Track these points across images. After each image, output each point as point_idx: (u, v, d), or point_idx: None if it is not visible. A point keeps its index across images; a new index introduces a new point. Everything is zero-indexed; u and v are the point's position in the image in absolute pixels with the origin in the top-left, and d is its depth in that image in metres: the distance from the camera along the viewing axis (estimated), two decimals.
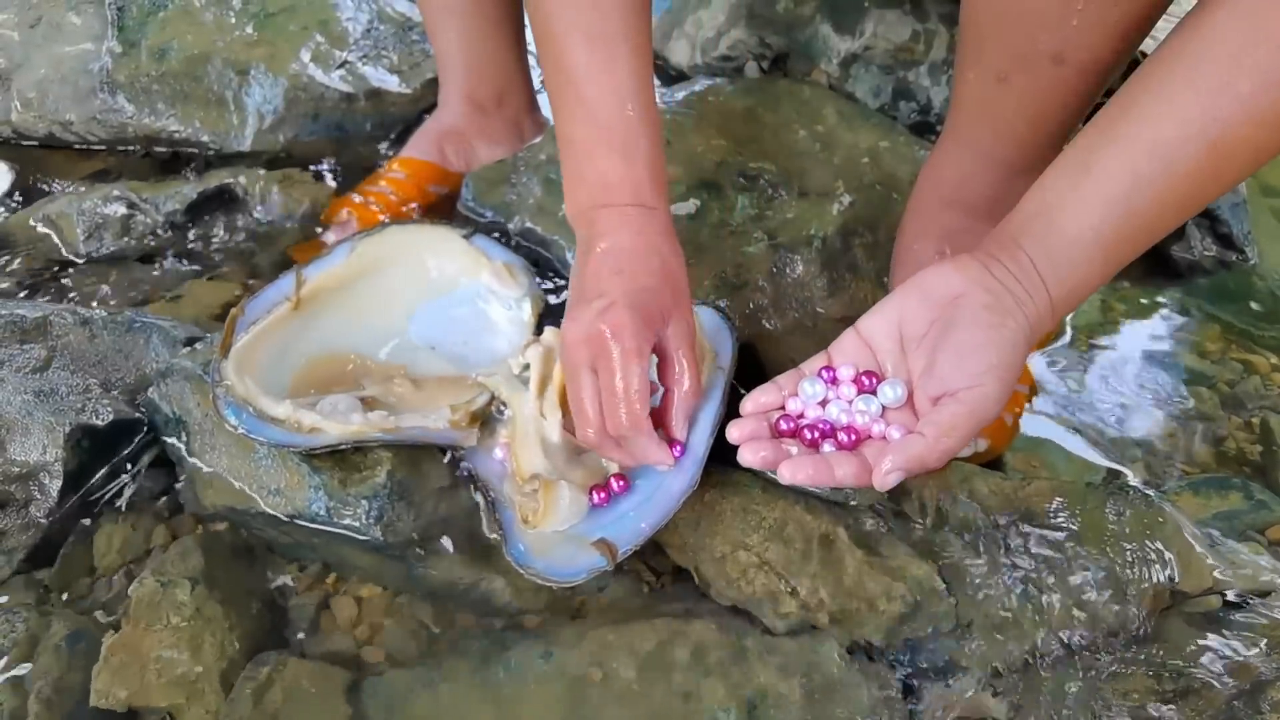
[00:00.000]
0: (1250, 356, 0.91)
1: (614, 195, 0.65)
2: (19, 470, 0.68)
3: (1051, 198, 0.57)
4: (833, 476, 0.55)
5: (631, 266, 0.63)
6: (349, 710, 0.60)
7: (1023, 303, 0.57)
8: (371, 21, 1.16)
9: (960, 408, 0.54)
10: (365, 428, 0.68)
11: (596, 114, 0.65)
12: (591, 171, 0.66)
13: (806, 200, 0.93)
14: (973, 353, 0.55)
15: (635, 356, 0.60)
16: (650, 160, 0.66)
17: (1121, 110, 0.56)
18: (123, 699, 0.59)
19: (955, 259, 0.59)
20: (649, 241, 0.65)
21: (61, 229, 0.94)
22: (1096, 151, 0.56)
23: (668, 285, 0.64)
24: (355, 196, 0.99)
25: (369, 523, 0.67)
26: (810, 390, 0.59)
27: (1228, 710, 0.61)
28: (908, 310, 0.59)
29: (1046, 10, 0.63)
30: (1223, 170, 0.54)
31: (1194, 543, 0.69)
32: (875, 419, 0.58)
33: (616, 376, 0.60)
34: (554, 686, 0.61)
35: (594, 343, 0.60)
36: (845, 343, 0.61)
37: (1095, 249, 0.56)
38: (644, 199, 0.66)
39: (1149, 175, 0.54)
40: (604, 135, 0.65)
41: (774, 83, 1.10)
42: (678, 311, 0.64)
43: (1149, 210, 0.55)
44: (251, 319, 0.72)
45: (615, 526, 0.65)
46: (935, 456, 0.54)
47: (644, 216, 0.65)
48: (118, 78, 1.05)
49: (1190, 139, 0.53)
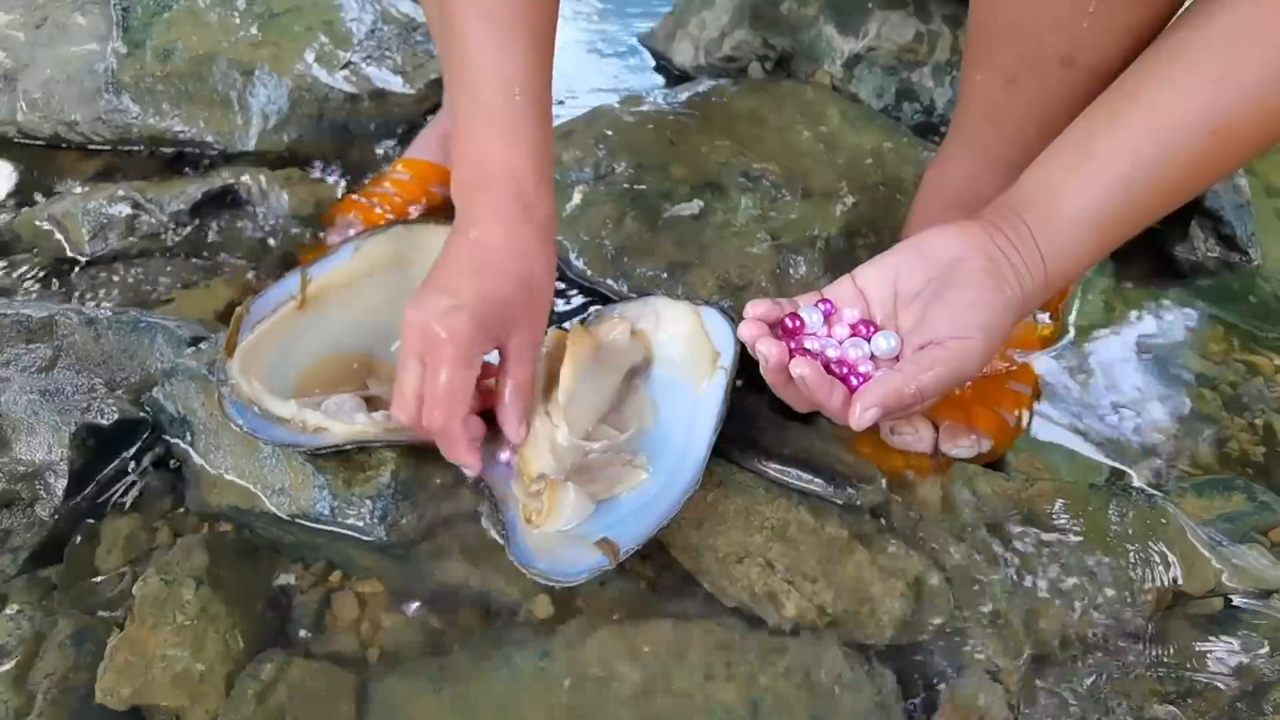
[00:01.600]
0: (1254, 358, 0.91)
1: (493, 181, 0.65)
2: (25, 469, 0.69)
3: (1053, 177, 0.58)
4: (829, 396, 0.56)
5: (492, 268, 0.63)
6: (352, 709, 0.60)
7: (1020, 273, 0.57)
8: (375, 22, 1.16)
9: (943, 352, 0.55)
10: (370, 428, 0.68)
11: (481, 95, 0.65)
12: (474, 151, 0.66)
13: (810, 201, 0.93)
14: (966, 309, 0.56)
15: (462, 365, 0.61)
16: (534, 150, 0.65)
17: (1125, 93, 0.57)
18: (127, 697, 0.59)
19: (959, 223, 0.59)
20: (518, 242, 0.65)
21: (67, 229, 0.94)
22: (1099, 134, 0.57)
23: (523, 294, 0.64)
24: (359, 197, 0.99)
25: (373, 522, 0.67)
26: (808, 318, 0.59)
27: (1230, 711, 0.61)
28: (905, 267, 0.59)
29: (1057, 12, 0.63)
30: (1221, 158, 0.55)
31: (1197, 544, 0.69)
32: (865, 360, 0.58)
33: (440, 379, 0.61)
34: (557, 686, 0.61)
35: (428, 338, 0.61)
36: (840, 289, 0.61)
37: (1091, 229, 0.57)
38: (523, 190, 0.65)
39: (1149, 159, 0.55)
40: (488, 117, 0.65)
41: (777, 83, 1.10)
42: (528, 320, 0.65)
43: (1146, 194, 0.56)
44: (257, 318, 0.72)
45: (618, 526, 0.65)
46: (911, 391, 0.54)
47: (520, 211, 0.65)
48: (123, 78, 1.05)
49: (1192, 125, 0.53)
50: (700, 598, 0.67)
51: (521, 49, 0.64)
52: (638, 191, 0.92)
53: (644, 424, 0.72)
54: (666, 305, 0.76)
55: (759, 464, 0.72)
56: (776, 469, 0.71)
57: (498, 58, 0.64)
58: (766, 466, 0.71)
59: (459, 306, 0.61)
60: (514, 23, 0.64)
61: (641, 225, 0.90)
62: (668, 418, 0.72)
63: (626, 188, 0.93)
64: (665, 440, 0.70)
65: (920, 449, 0.75)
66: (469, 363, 0.61)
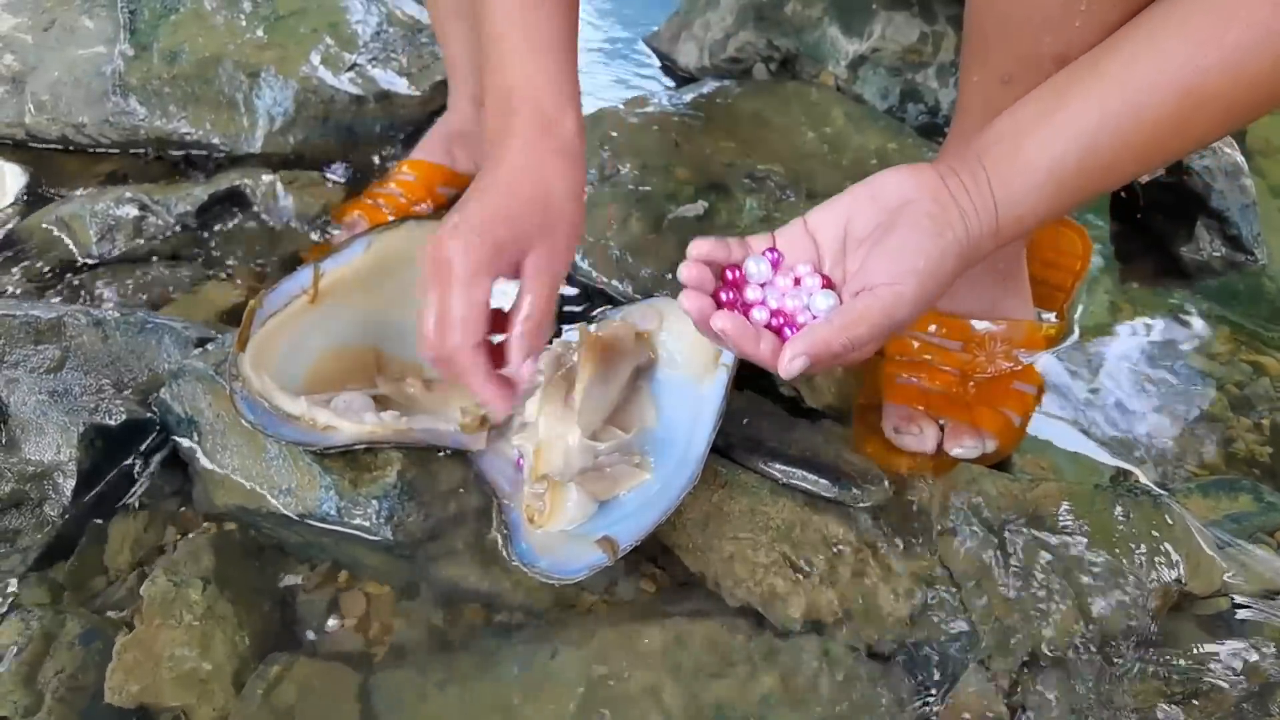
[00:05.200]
0: (1259, 358, 0.91)
1: (513, 102, 0.64)
2: (33, 470, 0.69)
3: (1023, 123, 0.57)
4: (756, 347, 0.55)
5: (500, 186, 0.61)
6: (359, 709, 0.60)
7: (968, 219, 0.56)
8: (381, 24, 1.16)
9: (873, 301, 0.54)
10: (378, 428, 0.68)
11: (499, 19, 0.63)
12: (496, 77, 0.64)
13: (814, 202, 0.92)
14: (903, 255, 0.55)
15: (463, 285, 0.58)
16: (554, 67, 0.64)
17: (1110, 48, 0.56)
18: (135, 696, 0.59)
19: (914, 166, 0.58)
20: (533, 160, 0.62)
21: (74, 231, 0.95)
22: (1074, 84, 0.56)
23: (536, 212, 0.61)
24: (365, 199, 0.99)
25: (379, 522, 0.68)
26: (754, 269, 0.59)
27: (1236, 712, 0.61)
28: (856, 210, 0.58)
29: (1049, 12, 0.63)
30: (1190, 123, 0.54)
31: (1203, 544, 0.69)
32: (802, 311, 0.58)
33: (445, 301, 0.59)
34: (563, 686, 0.61)
35: (435, 262, 0.59)
36: (792, 231, 0.60)
37: (1049, 179, 0.56)
38: (543, 108, 0.63)
39: (1115, 113, 0.54)
40: (509, 40, 0.63)
41: (782, 85, 1.10)
42: (545, 240, 0.61)
43: (1110, 149, 0.55)
44: (269, 311, 0.72)
45: (620, 525, 0.65)
46: (840, 343, 0.54)
47: (538, 128, 0.63)
48: (130, 80, 1.06)
49: (1165, 84, 0.53)
50: (705, 598, 0.67)
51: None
52: (643, 193, 0.93)
53: (647, 424, 0.72)
54: (669, 306, 0.76)
55: (764, 465, 0.72)
56: (781, 469, 0.71)
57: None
58: (771, 467, 0.71)
59: (456, 225, 0.59)
60: None
61: (646, 226, 0.90)
62: (670, 417, 0.72)
63: (631, 189, 0.93)
64: (668, 439, 0.71)
65: (925, 449, 0.75)
66: (472, 282, 0.58)
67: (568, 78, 0.65)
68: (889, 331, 0.56)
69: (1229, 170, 1.01)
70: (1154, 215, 1.04)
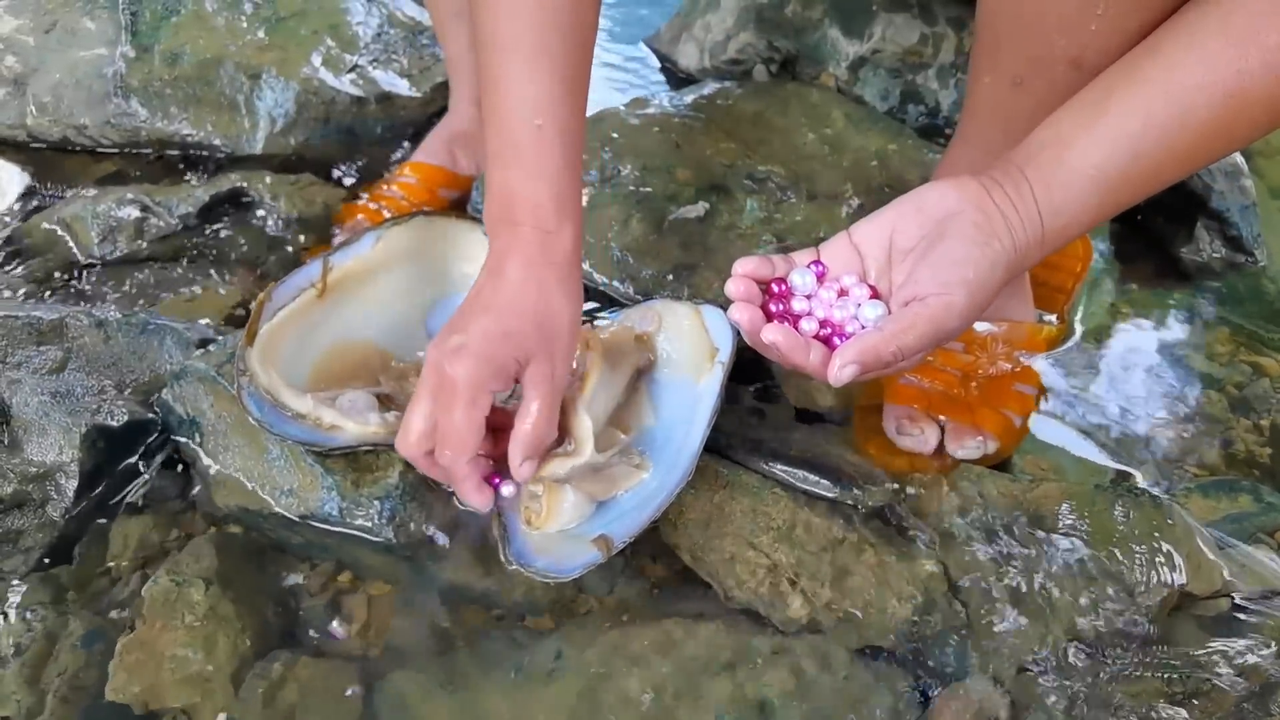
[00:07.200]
0: (1259, 359, 0.91)
1: (514, 211, 0.65)
2: (36, 470, 0.69)
3: (1064, 131, 0.57)
4: (806, 357, 0.56)
5: (501, 305, 0.63)
6: (360, 710, 0.60)
7: (1014, 229, 0.57)
8: (382, 26, 1.17)
9: (923, 309, 0.55)
10: (382, 429, 0.68)
11: (505, 125, 0.64)
12: (499, 183, 0.65)
13: (815, 203, 0.93)
14: (951, 265, 0.55)
15: (466, 404, 0.60)
16: (556, 181, 0.64)
17: (1148, 51, 0.56)
18: (137, 696, 0.60)
19: (957, 178, 0.59)
20: (532, 277, 0.64)
21: (76, 232, 0.95)
22: (1115, 90, 0.56)
23: (535, 329, 0.63)
24: (366, 200, 0.99)
25: (381, 523, 0.68)
26: (799, 281, 0.59)
27: (1236, 712, 0.61)
28: (901, 222, 0.59)
29: (1065, 14, 0.63)
30: (1235, 125, 0.54)
31: (1203, 545, 0.69)
32: (850, 321, 0.58)
33: (449, 418, 0.60)
34: (564, 687, 0.61)
35: (439, 377, 0.61)
36: (836, 244, 0.60)
37: (1094, 187, 0.56)
38: (543, 222, 0.64)
39: (1162, 119, 0.54)
40: (510, 146, 0.64)
41: (782, 86, 1.10)
42: (542, 354, 0.63)
43: (1155, 155, 0.55)
44: (278, 305, 0.71)
45: (616, 523, 0.65)
46: (890, 351, 0.54)
47: (539, 245, 0.64)
48: (131, 82, 1.06)
49: (1209, 87, 0.52)
50: (707, 598, 0.67)
51: (547, 77, 0.63)
52: (643, 194, 0.93)
53: (646, 423, 0.73)
54: (668, 307, 0.76)
55: (765, 465, 0.72)
56: (782, 470, 0.71)
57: (521, 87, 0.63)
58: (772, 467, 0.72)
59: (463, 347, 0.60)
60: (539, 50, 0.63)
61: (647, 227, 0.90)
62: (668, 416, 0.73)
63: (632, 190, 0.93)
64: (665, 438, 0.71)
65: (926, 450, 0.75)
66: (474, 402, 0.60)
67: (570, 190, 0.65)
68: (937, 342, 0.56)
69: (1229, 171, 1.01)
70: (1154, 216, 1.04)
